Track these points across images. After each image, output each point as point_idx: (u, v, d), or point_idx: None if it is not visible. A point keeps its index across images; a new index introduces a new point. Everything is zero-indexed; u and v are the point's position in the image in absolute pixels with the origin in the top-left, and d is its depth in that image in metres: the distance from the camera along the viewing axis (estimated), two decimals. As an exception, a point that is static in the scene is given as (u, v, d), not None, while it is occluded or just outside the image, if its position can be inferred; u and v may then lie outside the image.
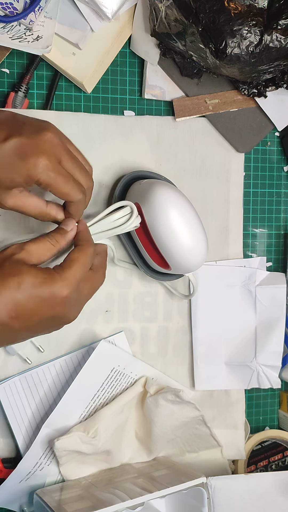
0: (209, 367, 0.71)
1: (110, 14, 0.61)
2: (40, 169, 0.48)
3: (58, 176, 0.49)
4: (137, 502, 0.57)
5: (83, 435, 0.63)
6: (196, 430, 0.69)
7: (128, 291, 0.69)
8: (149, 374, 0.69)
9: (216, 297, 0.71)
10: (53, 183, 0.49)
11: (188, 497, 0.62)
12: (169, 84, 0.68)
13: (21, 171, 0.48)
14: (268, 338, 0.72)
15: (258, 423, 0.78)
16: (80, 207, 0.53)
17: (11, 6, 0.59)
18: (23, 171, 0.48)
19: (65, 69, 0.63)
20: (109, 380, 0.66)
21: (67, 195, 0.51)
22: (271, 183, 0.75)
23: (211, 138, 0.71)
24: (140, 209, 0.59)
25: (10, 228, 0.64)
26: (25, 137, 0.48)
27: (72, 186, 0.51)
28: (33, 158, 0.48)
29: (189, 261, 0.59)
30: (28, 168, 0.48)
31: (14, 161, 0.48)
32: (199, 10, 0.58)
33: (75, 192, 0.51)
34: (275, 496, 0.64)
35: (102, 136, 0.67)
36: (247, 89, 0.69)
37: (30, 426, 0.65)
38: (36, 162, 0.48)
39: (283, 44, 0.59)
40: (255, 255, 0.75)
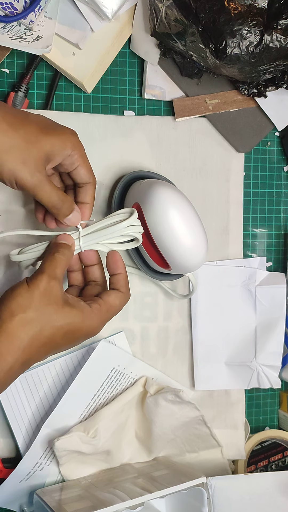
0: (209, 367, 0.71)
1: (110, 14, 0.61)
2: (76, 135, 0.54)
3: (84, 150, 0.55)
4: (137, 502, 0.57)
5: (83, 435, 0.63)
6: (196, 430, 0.69)
7: (128, 291, 0.69)
8: (149, 374, 0.69)
9: (216, 297, 0.71)
10: (86, 159, 0.55)
11: (188, 497, 0.62)
12: (169, 84, 0.68)
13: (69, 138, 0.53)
14: (268, 338, 0.72)
15: (258, 423, 0.78)
16: (93, 190, 0.57)
17: (11, 6, 0.59)
18: (70, 138, 0.53)
19: (65, 69, 0.63)
20: (109, 380, 0.66)
21: (91, 173, 0.55)
22: (271, 183, 0.75)
23: (211, 138, 0.71)
24: (140, 209, 0.59)
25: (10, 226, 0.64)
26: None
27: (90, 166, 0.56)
28: (70, 129, 0.54)
29: (189, 261, 0.59)
30: (74, 139, 0.53)
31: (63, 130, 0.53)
32: (199, 10, 0.58)
33: (93, 173, 0.56)
34: (275, 496, 0.64)
35: (102, 136, 0.67)
36: (247, 89, 0.69)
37: (30, 426, 0.65)
38: (77, 139, 0.54)
39: (283, 44, 0.59)
40: (255, 255, 0.75)
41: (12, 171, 0.49)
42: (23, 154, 0.49)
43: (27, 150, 0.49)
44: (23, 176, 0.50)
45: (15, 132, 0.49)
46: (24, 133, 0.50)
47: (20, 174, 0.50)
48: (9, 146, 0.49)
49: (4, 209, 0.64)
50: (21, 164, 0.49)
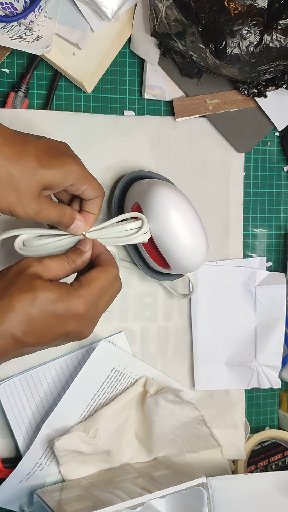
0: (209, 367, 0.71)
1: (110, 14, 0.61)
2: (81, 164, 0.52)
3: (89, 173, 0.53)
4: (137, 502, 0.57)
5: (83, 435, 0.63)
6: (196, 430, 0.69)
7: (128, 291, 0.69)
8: (149, 374, 0.69)
9: (216, 297, 0.71)
10: (91, 179, 0.53)
11: (188, 497, 0.62)
12: (169, 84, 0.68)
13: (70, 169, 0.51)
14: (268, 338, 0.72)
15: (258, 423, 0.78)
16: (101, 202, 0.55)
17: (11, 6, 0.59)
18: (72, 169, 0.51)
19: (65, 69, 0.63)
20: (109, 380, 0.66)
21: (98, 189, 0.54)
22: (271, 183, 0.75)
23: (211, 138, 0.71)
24: (140, 209, 0.59)
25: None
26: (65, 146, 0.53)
27: (98, 181, 0.54)
28: (74, 157, 0.52)
29: (189, 261, 0.59)
30: (76, 169, 0.51)
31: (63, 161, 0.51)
32: (199, 10, 0.58)
33: (101, 186, 0.55)
34: (275, 496, 0.64)
35: (102, 136, 0.67)
36: (247, 89, 0.69)
37: (30, 426, 0.65)
38: (79, 167, 0.52)
39: (283, 44, 0.59)
40: (255, 255, 0.75)
41: (7, 207, 0.49)
42: (18, 188, 0.48)
43: (22, 185, 0.48)
44: (17, 210, 0.49)
45: (11, 167, 0.48)
46: (21, 168, 0.48)
47: (13, 208, 0.49)
48: (3, 180, 0.48)
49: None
50: (15, 198, 0.48)
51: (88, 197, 0.54)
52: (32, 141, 0.50)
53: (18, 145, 0.49)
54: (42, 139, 0.51)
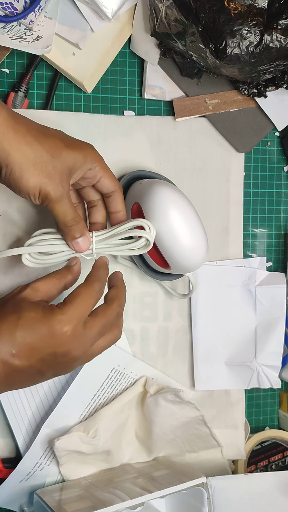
0: (209, 367, 0.71)
1: (110, 14, 0.61)
2: (99, 156, 0.55)
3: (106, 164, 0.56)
4: (137, 502, 0.57)
5: (83, 435, 0.63)
6: (196, 430, 0.69)
7: (128, 291, 0.68)
8: (149, 374, 0.69)
9: (216, 297, 0.71)
10: (108, 169, 0.55)
11: (188, 497, 0.62)
12: (169, 84, 0.68)
13: (89, 152, 0.53)
14: (268, 338, 0.72)
15: (258, 423, 0.78)
16: (121, 196, 0.57)
17: (11, 6, 0.59)
18: (90, 153, 0.53)
19: (65, 69, 0.63)
20: (109, 380, 0.66)
21: (115, 181, 0.56)
22: (271, 183, 0.75)
23: (211, 138, 0.71)
24: (140, 209, 0.59)
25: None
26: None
27: (114, 175, 0.56)
28: (94, 149, 0.55)
29: (189, 261, 0.59)
30: (94, 153, 0.54)
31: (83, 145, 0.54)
32: (199, 10, 0.58)
33: (117, 180, 0.56)
34: (275, 496, 0.64)
35: (102, 136, 0.67)
36: (247, 89, 0.69)
37: (30, 426, 0.65)
38: (96, 152, 0.55)
39: (283, 44, 0.59)
40: (255, 255, 0.75)
41: (38, 184, 0.49)
42: (48, 167, 0.49)
43: (52, 164, 0.50)
44: (48, 189, 0.50)
45: (40, 146, 0.49)
46: (49, 147, 0.50)
47: (45, 187, 0.50)
48: (34, 159, 0.49)
49: (4, 209, 0.64)
50: (46, 177, 0.50)
51: (106, 188, 0.55)
52: (52, 129, 0.53)
53: (43, 128, 0.52)
54: (61, 131, 0.54)
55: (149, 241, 0.56)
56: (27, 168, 0.49)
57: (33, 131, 0.50)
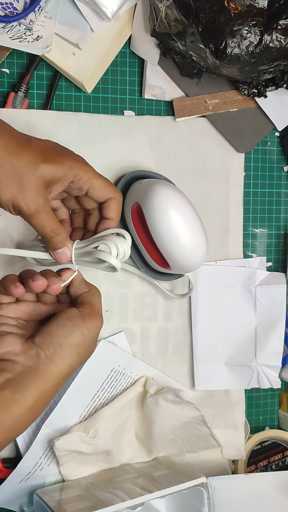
0: (209, 367, 0.71)
1: (110, 14, 0.61)
2: (84, 164, 0.53)
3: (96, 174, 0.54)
4: (137, 502, 0.57)
5: (83, 435, 0.63)
6: (196, 430, 0.69)
7: (128, 291, 0.69)
8: (149, 374, 0.69)
9: (216, 297, 0.71)
10: (98, 178, 0.53)
11: (188, 497, 0.62)
12: (169, 84, 0.68)
13: (70, 166, 0.52)
14: (268, 338, 0.72)
15: (258, 423, 0.78)
16: (116, 204, 0.55)
17: (11, 6, 0.59)
18: (72, 166, 0.52)
19: (65, 69, 0.63)
20: (109, 380, 0.66)
21: (109, 191, 0.54)
22: (271, 183, 0.75)
23: (211, 138, 0.71)
24: (140, 209, 0.59)
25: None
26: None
27: (110, 183, 0.55)
28: (78, 158, 0.53)
29: (189, 261, 0.59)
30: (77, 166, 0.52)
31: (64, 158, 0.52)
32: (199, 10, 0.58)
33: (115, 188, 0.55)
34: (275, 496, 0.64)
35: (102, 136, 0.67)
36: (247, 89, 0.69)
37: (30, 426, 0.65)
38: (81, 165, 0.53)
39: (283, 44, 0.59)
40: (255, 255, 0.75)
41: (11, 198, 0.49)
42: (23, 181, 0.49)
43: (27, 178, 0.49)
44: (20, 204, 0.50)
45: (16, 161, 0.49)
46: (26, 161, 0.49)
47: (17, 202, 0.49)
48: (9, 173, 0.49)
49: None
50: (19, 191, 0.49)
51: (97, 197, 0.54)
52: (37, 140, 0.52)
53: (24, 142, 0.51)
54: (46, 140, 0.53)
55: (113, 266, 0.52)
56: (0, 181, 0.49)
57: (13, 144, 0.50)
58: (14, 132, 0.51)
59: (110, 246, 0.52)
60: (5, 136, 0.50)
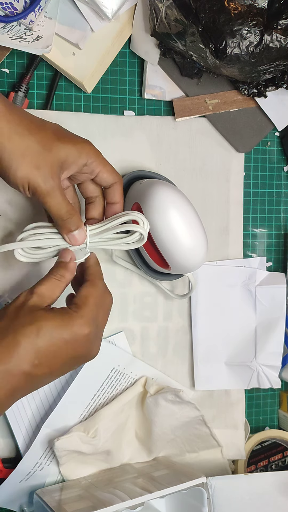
0: (209, 367, 0.71)
1: (110, 14, 0.61)
2: (95, 148, 0.54)
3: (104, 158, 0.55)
4: (137, 502, 0.57)
5: (83, 435, 0.63)
6: (196, 430, 0.69)
7: (128, 291, 0.69)
8: (149, 374, 0.69)
9: (216, 297, 0.71)
10: (106, 163, 0.54)
11: (188, 497, 0.62)
12: (169, 84, 0.68)
13: (84, 147, 0.52)
14: (268, 338, 0.72)
15: (258, 423, 0.78)
16: (120, 188, 0.56)
17: (11, 6, 0.59)
18: (85, 148, 0.52)
19: (65, 69, 0.63)
20: (109, 380, 0.66)
21: (114, 174, 0.55)
22: (271, 183, 0.75)
23: (211, 138, 0.71)
24: (140, 209, 0.59)
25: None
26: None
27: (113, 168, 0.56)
28: (90, 145, 0.54)
29: (189, 261, 0.59)
30: (90, 148, 0.53)
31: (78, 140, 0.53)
32: (199, 10, 0.58)
33: (117, 172, 0.56)
34: (275, 496, 0.64)
35: (102, 136, 0.67)
36: (247, 89, 0.69)
37: (30, 426, 0.65)
38: (93, 147, 0.54)
39: (283, 44, 0.59)
40: (255, 255, 0.75)
41: (26, 175, 0.49)
42: (38, 159, 0.49)
43: (43, 156, 0.49)
44: (37, 181, 0.49)
45: (32, 137, 0.49)
46: (41, 138, 0.49)
47: (33, 179, 0.49)
48: (24, 150, 0.48)
49: (4, 209, 0.64)
50: (35, 169, 0.49)
51: (105, 181, 0.55)
52: (50, 122, 0.52)
53: (38, 120, 0.51)
54: (59, 124, 0.54)
55: (142, 236, 0.55)
56: (16, 158, 0.48)
57: (27, 122, 0.50)
58: (29, 114, 0.51)
59: (141, 217, 0.55)
60: (20, 115, 0.50)
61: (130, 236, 0.55)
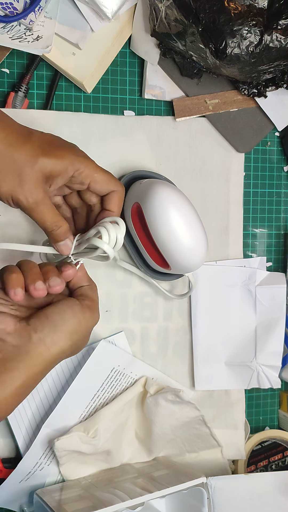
0: (209, 367, 0.71)
1: (110, 14, 0.61)
2: (85, 158, 0.53)
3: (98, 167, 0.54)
4: (137, 502, 0.57)
5: (83, 435, 0.63)
6: (196, 430, 0.69)
7: (128, 291, 0.69)
8: (149, 374, 0.69)
9: (216, 297, 0.71)
10: (99, 171, 0.53)
11: (188, 497, 0.62)
12: (169, 84, 0.68)
13: (71, 160, 0.51)
14: (268, 338, 0.72)
15: (258, 423, 0.78)
16: (118, 197, 0.55)
17: (11, 6, 0.59)
18: (73, 160, 0.51)
19: (65, 69, 0.63)
20: (109, 380, 0.66)
21: (110, 183, 0.54)
22: (271, 183, 0.75)
23: (211, 138, 0.71)
24: (140, 209, 0.59)
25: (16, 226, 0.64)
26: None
27: (112, 176, 0.55)
28: (79, 152, 0.53)
29: (189, 261, 0.59)
30: (77, 160, 0.52)
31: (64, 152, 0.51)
32: (199, 10, 0.58)
33: (117, 181, 0.55)
34: (275, 496, 0.64)
35: (102, 136, 0.67)
36: (247, 89, 0.69)
37: (30, 426, 0.65)
38: (81, 158, 0.52)
39: (283, 44, 0.59)
40: (255, 255, 0.75)
41: (9, 191, 0.49)
42: (21, 174, 0.49)
43: (26, 171, 0.49)
44: (19, 197, 0.49)
45: (16, 152, 0.49)
46: (25, 153, 0.49)
47: (15, 195, 0.49)
48: (8, 166, 0.48)
49: (4, 209, 0.64)
50: (18, 185, 0.49)
51: (99, 192, 0.54)
52: (37, 133, 0.52)
53: (24, 134, 0.50)
54: (48, 134, 0.53)
55: (107, 254, 0.52)
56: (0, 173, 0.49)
57: (12, 136, 0.49)
58: (15, 124, 0.51)
59: (102, 231, 0.51)
60: (6, 128, 0.49)
61: (93, 252, 0.53)
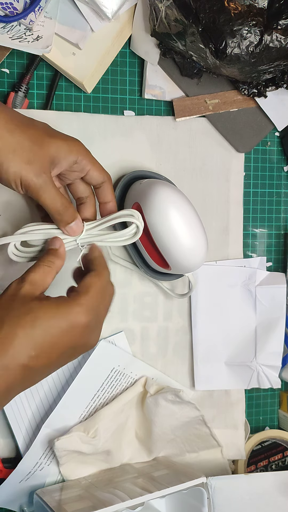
0: (209, 367, 0.71)
1: (110, 14, 0.61)
2: (84, 146, 0.54)
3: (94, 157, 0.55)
4: (137, 502, 0.57)
5: (83, 435, 0.63)
6: (196, 430, 0.69)
7: (128, 291, 0.69)
8: (149, 374, 0.69)
9: (216, 297, 0.71)
10: (95, 161, 0.55)
11: (188, 497, 0.62)
12: (169, 84, 0.68)
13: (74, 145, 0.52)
14: (268, 338, 0.72)
15: (258, 423, 0.78)
16: (110, 187, 0.57)
17: (11, 6, 0.59)
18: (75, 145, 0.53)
19: (65, 69, 0.63)
20: (109, 380, 0.66)
21: (103, 173, 0.56)
22: (271, 183, 0.75)
23: (211, 138, 0.71)
24: (140, 209, 0.59)
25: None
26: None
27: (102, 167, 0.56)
28: (80, 142, 0.54)
29: (189, 261, 0.59)
30: (79, 146, 0.53)
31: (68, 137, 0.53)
32: (199, 10, 0.58)
33: (106, 171, 0.56)
34: (275, 496, 0.64)
35: (102, 136, 0.67)
36: (247, 89, 0.69)
37: (30, 426, 0.65)
38: (82, 145, 0.54)
39: (283, 44, 0.59)
40: (255, 255, 0.75)
41: (18, 171, 0.49)
42: (29, 154, 0.49)
43: (33, 151, 0.49)
44: (29, 176, 0.49)
45: (22, 133, 0.49)
46: (31, 135, 0.50)
47: (25, 174, 0.49)
48: (15, 146, 0.49)
49: (4, 209, 0.64)
50: (26, 164, 0.49)
51: (95, 180, 0.55)
52: (39, 121, 0.53)
53: (27, 120, 0.52)
54: (47, 124, 0.54)
55: (138, 228, 0.55)
56: (7, 155, 0.48)
57: (16, 120, 0.50)
58: (18, 113, 0.52)
59: (134, 213, 0.55)
60: (9, 113, 0.50)
61: (125, 230, 0.56)
